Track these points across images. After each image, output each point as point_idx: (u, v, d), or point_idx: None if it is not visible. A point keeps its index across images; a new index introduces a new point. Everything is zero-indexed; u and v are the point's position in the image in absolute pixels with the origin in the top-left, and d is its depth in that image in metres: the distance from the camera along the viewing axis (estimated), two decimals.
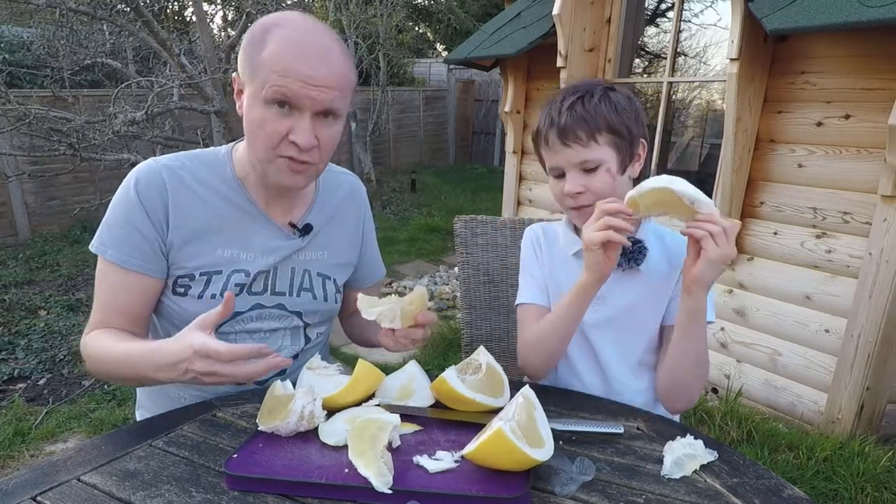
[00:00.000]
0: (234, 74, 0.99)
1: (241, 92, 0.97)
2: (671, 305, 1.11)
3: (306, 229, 1.10)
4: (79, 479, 0.77)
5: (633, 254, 1.10)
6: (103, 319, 1.02)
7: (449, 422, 0.92)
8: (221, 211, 1.04)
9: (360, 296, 0.96)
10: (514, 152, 3.85)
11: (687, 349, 1.01)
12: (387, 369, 1.03)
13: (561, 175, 1.08)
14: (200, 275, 1.02)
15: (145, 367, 0.90)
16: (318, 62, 0.90)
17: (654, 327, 1.14)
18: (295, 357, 1.14)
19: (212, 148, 1.10)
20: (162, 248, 1.01)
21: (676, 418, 1.23)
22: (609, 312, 1.13)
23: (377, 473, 0.73)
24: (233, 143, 1.10)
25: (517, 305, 1.24)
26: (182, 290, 1.03)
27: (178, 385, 1.10)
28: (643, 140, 1.08)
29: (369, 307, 0.96)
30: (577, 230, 1.17)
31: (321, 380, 1.00)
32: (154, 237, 1.00)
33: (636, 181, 1.11)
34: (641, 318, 1.13)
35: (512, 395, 0.86)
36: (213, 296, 1.02)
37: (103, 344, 0.98)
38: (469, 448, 0.76)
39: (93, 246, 1.01)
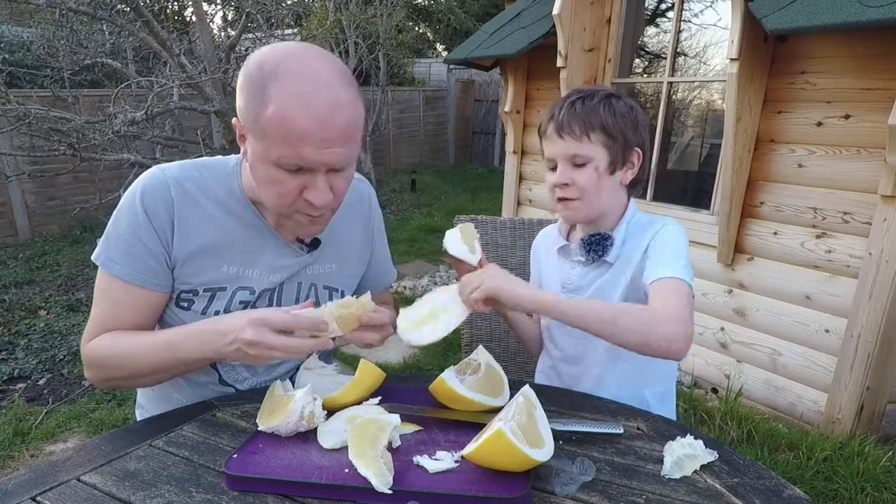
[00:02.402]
0: (234, 120, 0.92)
1: (243, 137, 0.90)
2: (638, 282, 1.11)
3: (314, 244, 1.07)
4: (79, 479, 0.77)
5: (592, 245, 1.16)
6: (105, 330, 0.99)
7: (449, 422, 0.92)
8: (228, 227, 1.01)
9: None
10: (514, 152, 3.85)
11: (590, 323, 0.97)
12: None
13: (555, 167, 1.14)
14: (204, 291, 1.00)
15: (188, 341, 0.91)
16: (329, 121, 0.82)
17: None
18: (298, 368, 1.13)
19: (220, 158, 1.06)
20: (168, 263, 0.98)
21: (673, 416, 1.23)
22: None
23: (377, 474, 0.73)
24: (241, 156, 1.05)
25: None
26: (185, 304, 1.01)
27: (179, 387, 1.09)
28: (638, 149, 1.13)
29: None
30: (569, 231, 1.27)
31: (319, 380, 1.00)
32: (160, 251, 0.97)
33: (629, 189, 1.17)
34: (615, 302, 1.16)
35: (512, 395, 0.86)
36: (217, 312, 1.00)
37: (123, 339, 0.96)
38: (469, 448, 0.76)
39: (97, 258, 0.97)
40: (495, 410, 0.91)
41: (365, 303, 0.93)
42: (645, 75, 3.74)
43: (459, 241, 1.09)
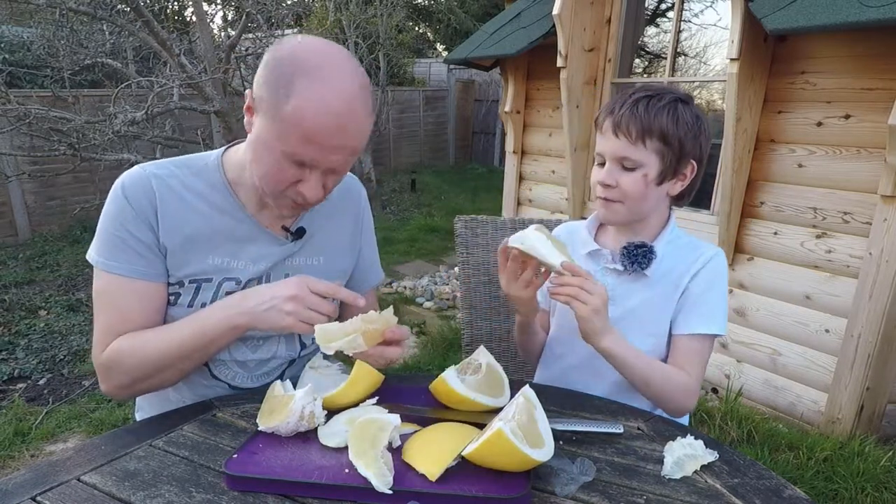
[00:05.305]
0: (247, 91, 0.93)
1: (251, 110, 0.92)
2: (678, 317, 1.11)
3: (299, 233, 1.07)
4: (79, 479, 0.77)
5: (636, 258, 1.11)
6: (117, 334, 0.97)
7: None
8: (211, 218, 1.01)
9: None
10: (514, 152, 3.85)
11: (627, 376, 1.05)
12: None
13: (603, 163, 1.10)
14: (190, 282, 1.00)
15: (214, 311, 0.95)
16: (342, 130, 0.86)
17: (660, 331, 1.13)
18: (291, 363, 1.13)
19: (200, 154, 1.07)
20: (159, 249, 0.98)
21: (684, 420, 1.21)
22: (615, 314, 1.14)
23: (377, 474, 0.73)
24: (223, 148, 1.07)
25: None
26: (172, 298, 1.01)
27: (179, 389, 1.09)
28: (694, 161, 1.08)
29: (327, 341, 0.87)
30: (597, 230, 1.23)
31: (323, 379, 1.00)
32: (150, 239, 0.97)
33: (675, 200, 1.13)
34: (646, 321, 1.13)
35: (512, 395, 0.86)
36: (203, 304, 1.00)
37: (142, 334, 0.96)
38: (469, 448, 0.76)
39: (93, 260, 0.97)
40: (496, 411, 0.90)
41: (389, 318, 0.92)
42: (645, 75, 3.74)
43: (548, 242, 0.98)
